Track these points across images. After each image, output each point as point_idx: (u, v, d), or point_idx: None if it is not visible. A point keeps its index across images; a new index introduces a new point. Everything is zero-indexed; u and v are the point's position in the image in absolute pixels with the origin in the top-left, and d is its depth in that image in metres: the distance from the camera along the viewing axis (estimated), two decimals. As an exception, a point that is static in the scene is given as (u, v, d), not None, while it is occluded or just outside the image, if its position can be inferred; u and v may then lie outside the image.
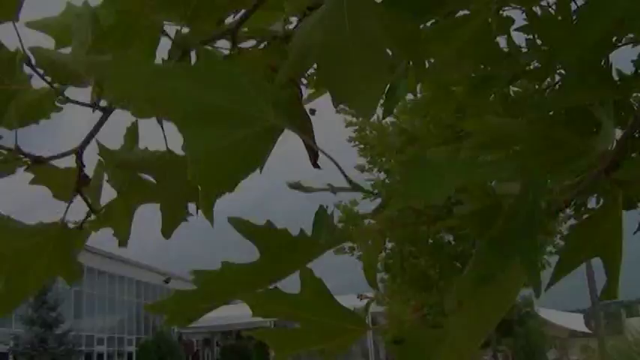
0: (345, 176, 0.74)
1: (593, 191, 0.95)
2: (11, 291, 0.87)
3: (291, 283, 0.77)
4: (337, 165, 0.74)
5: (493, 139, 0.87)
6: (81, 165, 0.95)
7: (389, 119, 8.03)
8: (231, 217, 0.70)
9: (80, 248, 0.96)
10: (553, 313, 30.80)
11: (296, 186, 0.79)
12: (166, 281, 39.42)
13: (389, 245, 9.01)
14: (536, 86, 1.63)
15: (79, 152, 0.95)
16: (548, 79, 1.51)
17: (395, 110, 8.59)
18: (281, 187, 0.75)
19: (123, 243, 1.03)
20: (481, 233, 0.78)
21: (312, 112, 1.02)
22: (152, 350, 29.60)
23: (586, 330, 26.02)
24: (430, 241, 8.75)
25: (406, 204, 0.83)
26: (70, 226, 0.94)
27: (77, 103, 0.96)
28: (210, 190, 0.71)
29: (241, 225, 0.70)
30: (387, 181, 8.68)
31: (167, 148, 1.04)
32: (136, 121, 1.03)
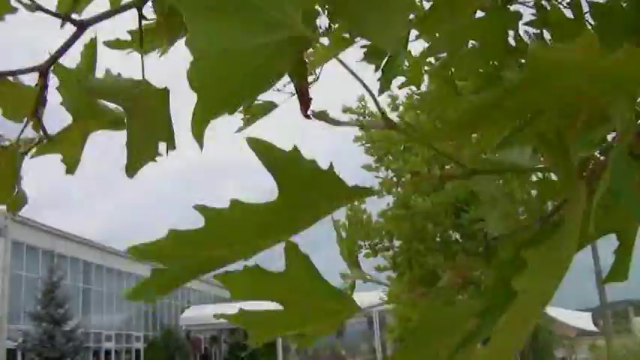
0: (378, 106, 0.66)
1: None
2: None
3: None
4: (370, 92, 0.66)
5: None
6: (44, 84, 0.87)
7: (395, 116, 8.04)
8: (249, 138, 0.55)
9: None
10: (561, 312, 30.66)
11: (322, 116, 0.69)
12: (174, 278, 39.57)
13: (397, 243, 9.02)
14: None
15: (44, 70, 0.86)
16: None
17: (400, 107, 8.61)
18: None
19: (71, 170, 0.94)
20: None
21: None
22: (160, 347, 29.70)
23: (594, 329, 25.92)
24: (438, 238, 8.76)
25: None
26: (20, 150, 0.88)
27: (48, 12, 0.87)
28: (208, 101, 0.59)
29: (261, 147, 0.55)
30: (394, 179, 8.70)
31: (143, 77, 0.94)
32: (95, 37, 0.94)
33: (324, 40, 1.30)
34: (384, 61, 1.31)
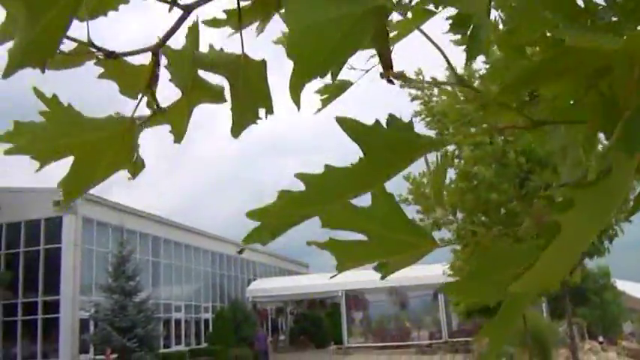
0: (451, 67, 0.72)
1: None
2: (78, 177, 0.89)
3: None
4: (444, 55, 0.72)
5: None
6: (157, 62, 0.96)
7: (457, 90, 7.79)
8: (337, 117, 0.69)
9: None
10: (630, 285, 29.74)
11: (397, 75, 0.76)
12: (240, 252, 40.09)
13: (460, 216, 8.84)
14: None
15: (156, 50, 0.96)
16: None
17: (466, 77, 8.32)
18: (354, 158, 0.71)
19: (178, 139, 1.04)
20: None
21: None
22: (228, 318, 30.48)
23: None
24: (503, 210, 8.53)
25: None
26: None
27: None
28: (303, 67, 0.68)
29: (347, 123, 0.69)
30: (456, 152, 8.49)
31: (243, 51, 1.07)
32: (197, 20, 1.03)
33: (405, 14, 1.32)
34: (469, 32, 1.30)
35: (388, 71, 0.90)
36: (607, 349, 20.85)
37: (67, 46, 0.87)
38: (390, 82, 0.91)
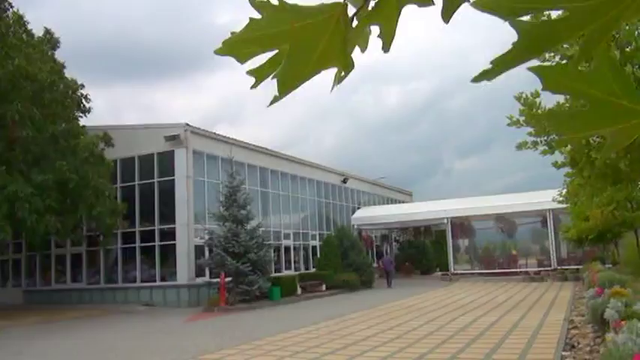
0: None
1: None
2: (293, 68, 0.86)
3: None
4: None
5: None
6: None
7: None
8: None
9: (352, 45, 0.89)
10: None
11: None
12: (344, 181, 41.14)
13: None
14: None
15: None
16: None
17: None
18: (453, 83, 0.60)
19: (387, 47, 0.90)
20: None
21: None
22: (334, 244, 31.29)
23: None
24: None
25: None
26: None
27: None
28: None
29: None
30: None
31: None
32: None
33: None
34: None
35: None
36: None
37: None
38: None
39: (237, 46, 0.84)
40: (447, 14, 0.85)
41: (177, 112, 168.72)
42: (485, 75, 0.72)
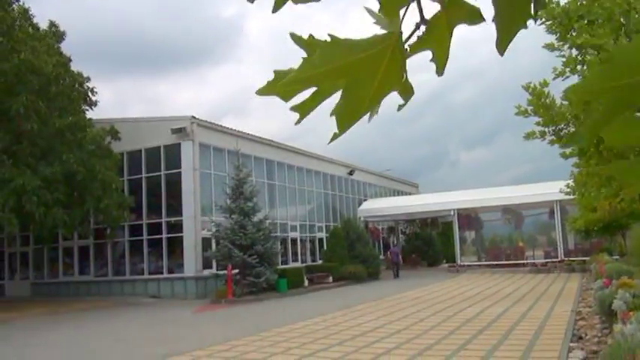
0: None
1: None
2: (349, 105, 0.85)
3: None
4: None
5: None
6: None
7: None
8: None
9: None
10: None
11: None
12: (350, 173, 41.09)
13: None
14: None
15: None
16: None
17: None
18: (459, 75, 0.56)
19: (440, 70, 0.88)
20: None
21: None
22: (341, 236, 31.29)
23: None
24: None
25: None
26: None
27: None
28: None
29: None
30: (579, 57, 7.96)
31: None
32: None
33: None
34: None
35: None
36: None
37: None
38: None
39: (283, 86, 0.83)
40: (502, 45, 0.84)
41: (183, 106, 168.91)
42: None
